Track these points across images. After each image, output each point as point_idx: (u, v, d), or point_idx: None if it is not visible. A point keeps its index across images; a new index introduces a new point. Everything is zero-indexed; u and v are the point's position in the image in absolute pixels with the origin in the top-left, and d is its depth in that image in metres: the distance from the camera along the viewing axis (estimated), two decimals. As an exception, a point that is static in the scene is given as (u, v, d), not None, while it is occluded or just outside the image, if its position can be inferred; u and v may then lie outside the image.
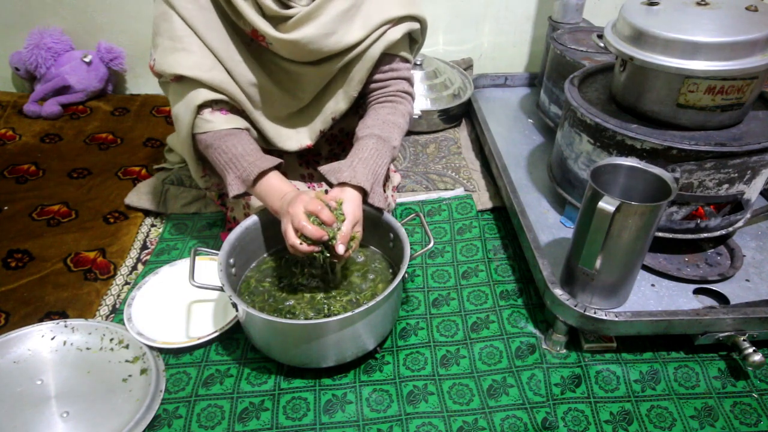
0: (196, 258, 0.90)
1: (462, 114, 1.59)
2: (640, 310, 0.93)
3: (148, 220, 1.23)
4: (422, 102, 1.50)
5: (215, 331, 0.95)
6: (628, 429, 0.84)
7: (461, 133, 1.56)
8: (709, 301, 0.98)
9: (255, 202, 1.08)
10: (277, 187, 0.90)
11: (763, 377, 0.92)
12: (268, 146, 1.06)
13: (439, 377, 0.91)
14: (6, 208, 1.25)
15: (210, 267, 1.04)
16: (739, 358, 0.91)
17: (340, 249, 0.83)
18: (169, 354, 0.93)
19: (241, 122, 0.95)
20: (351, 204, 0.87)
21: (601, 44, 1.05)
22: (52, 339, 0.92)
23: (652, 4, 0.97)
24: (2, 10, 1.63)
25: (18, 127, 1.54)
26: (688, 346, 0.95)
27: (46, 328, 0.92)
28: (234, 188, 0.91)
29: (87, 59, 1.62)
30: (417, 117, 1.48)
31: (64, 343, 0.91)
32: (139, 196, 1.26)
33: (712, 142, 0.90)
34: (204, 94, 0.90)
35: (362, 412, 0.85)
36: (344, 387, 0.89)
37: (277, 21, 0.90)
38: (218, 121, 0.92)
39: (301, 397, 0.87)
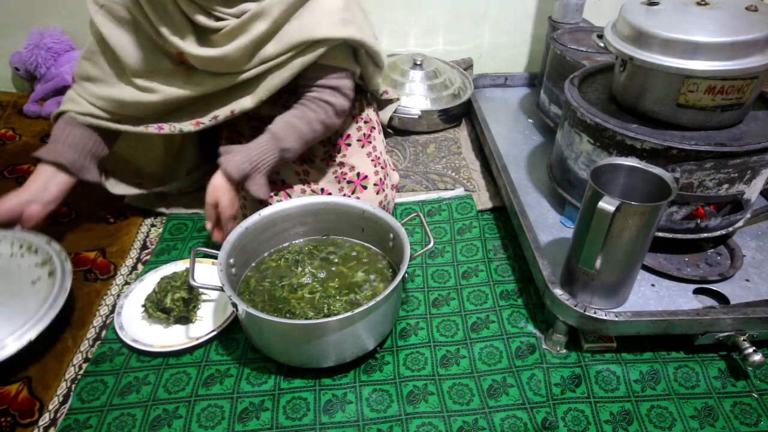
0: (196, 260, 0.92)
1: (462, 114, 1.59)
2: (640, 310, 0.93)
3: (148, 220, 1.23)
4: (422, 102, 1.50)
5: (208, 333, 0.94)
6: (628, 429, 0.85)
7: (461, 133, 1.56)
8: (709, 301, 0.98)
9: (253, 203, 1.08)
10: (29, 179, 1.02)
11: (763, 377, 0.92)
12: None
13: (439, 377, 0.91)
14: (6, 208, 1.25)
15: (203, 269, 1.03)
16: (739, 358, 0.91)
17: (208, 225, 0.97)
18: (168, 356, 0.93)
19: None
20: (211, 185, 0.96)
21: (601, 44, 1.05)
22: None
23: (652, 4, 0.97)
24: (2, 10, 1.63)
25: (18, 127, 1.54)
26: (688, 346, 0.95)
27: None
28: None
29: (87, 59, 1.62)
30: (417, 117, 1.48)
31: None
32: (140, 195, 1.26)
33: (712, 142, 0.90)
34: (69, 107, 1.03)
35: (362, 412, 0.85)
36: (344, 387, 0.89)
37: (206, 33, 0.95)
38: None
39: (301, 397, 0.87)
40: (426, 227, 0.95)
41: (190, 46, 0.95)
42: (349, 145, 1.17)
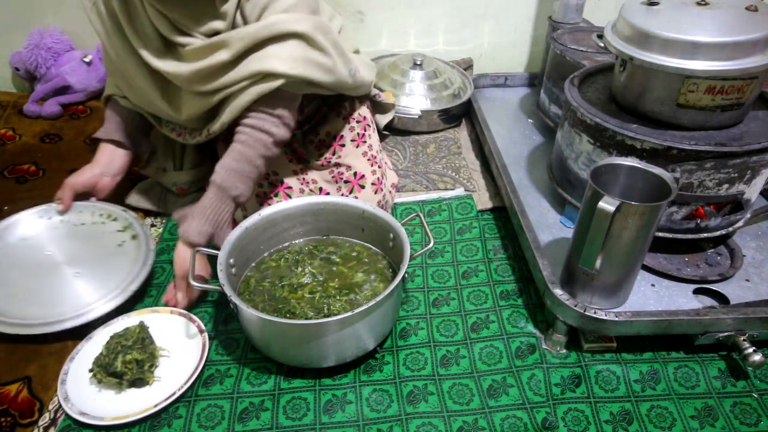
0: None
1: (462, 114, 1.59)
2: (640, 310, 0.93)
3: (148, 220, 1.23)
4: (422, 102, 1.50)
5: (168, 398, 0.84)
6: (628, 429, 0.85)
7: (461, 133, 1.56)
8: (709, 301, 0.98)
9: (253, 203, 1.08)
10: (95, 155, 1.14)
11: (763, 377, 0.92)
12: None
13: (439, 377, 0.91)
14: (6, 208, 1.25)
15: (175, 321, 0.97)
16: (739, 358, 0.91)
17: (179, 296, 0.96)
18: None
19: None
20: (177, 258, 0.94)
21: (601, 44, 1.05)
22: (49, 219, 1.06)
23: (652, 4, 0.97)
24: (2, 10, 1.63)
25: (18, 127, 1.54)
26: (688, 346, 0.95)
27: (40, 209, 1.07)
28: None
29: (87, 59, 1.62)
30: (417, 117, 1.48)
31: (61, 221, 1.05)
32: (140, 196, 1.26)
33: (712, 142, 0.90)
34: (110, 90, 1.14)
35: (362, 412, 0.85)
36: (344, 387, 0.89)
37: (174, 46, 0.97)
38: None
39: (301, 397, 0.87)
40: (426, 227, 0.95)
41: (149, 56, 0.97)
42: (343, 146, 1.17)
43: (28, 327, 0.90)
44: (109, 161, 1.14)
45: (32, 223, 1.05)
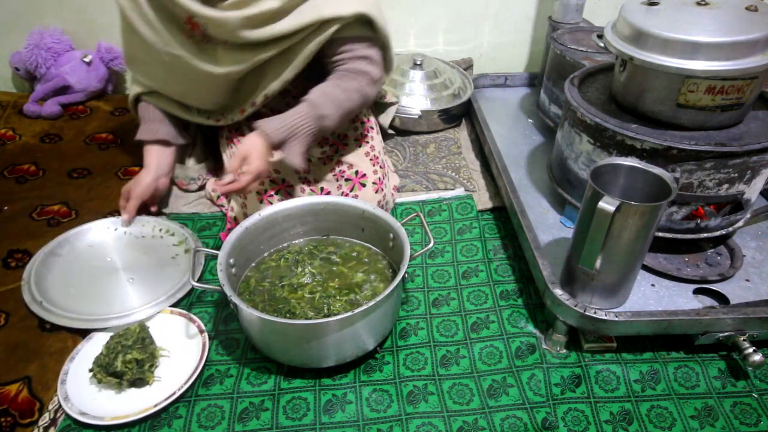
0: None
1: (462, 114, 1.59)
2: (640, 310, 0.93)
3: (149, 219, 1.23)
4: (422, 102, 1.50)
5: (168, 397, 0.85)
6: (628, 429, 0.85)
7: (461, 133, 1.56)
8: (709, 301, 0.98)
9: (253, 203, 1.08)
10: (144, 158, 1.15)
11: (763, 377, 0.92)
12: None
13: (439, 377, 0.91)
14: (6, 208, 1.25)
15: (175, 321, 0.98)
16: (739, 358, 0.91)
17: (226, 179, 0.96)
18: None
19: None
20: (246, 144, 0.96)
21: (601, 44, 1.05)
22: (115, 230, 1.15)
23: (652, 4, 0.97)
24: (2, 10, 1.63)
25: (18, 127, 1.54)
26: (688, 346, 0.95)
27: (108, 221, 1.16)
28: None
29: (87, 59, 1.62)
30: (417, 117, 1.48)
31: (125, 232, 1.15)
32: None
33: (712, 142, 0.90)
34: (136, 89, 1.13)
35: (362, 412, 0.85)
36: (344, 387, 0.89)
37: (215, 1, 0.96)
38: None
39: (301, 397, 0.87)
40: (426, 227, 0.95)
41: (195, 4, 0.95)
42: (346, 144, 1.17)
43: (79, 321, 0.96)
44: (160, 162, 1.15)
45: (100, 232, 1.14)
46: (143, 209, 1.17)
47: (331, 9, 0.97)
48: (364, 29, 1.04)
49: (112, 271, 1.06)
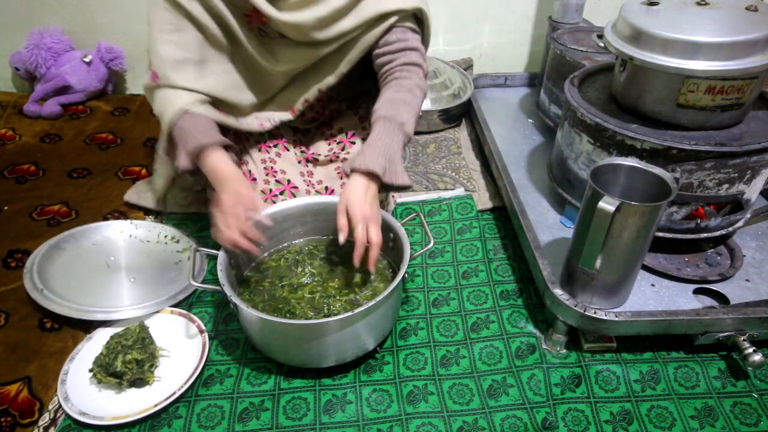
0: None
1: (462, 114, 1.59)
2: (640, 310, 0.93)
3: (149, 219, 1.23)
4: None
5: (168, 397, 0.85)
6: (628, 429, 0.84)
7: (461, 133, 1.56)
8: (709, 301, 0.98)
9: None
10: (217, 168, 0.92)
11: (763, 377, 0.92)
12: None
13: (439, 377, 0.91)
14: (6, 208, 1.25)
15: (175, 321, 0.98)
16: (739, 358, 0.91)
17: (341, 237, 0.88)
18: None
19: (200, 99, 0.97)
20: (353, 194, 0.88)
21: (601, 44, 1.05)
22: (121, 232, 1.16)
23: (652, 4, 0.97)
24: (2, 10, 1.63)
25: (18, 127, 1.54)
26: (688, 346, 0.95)
27: (115, 223, 1.17)
28: (181, 161, 0.93)
29: (87, 59, 1.62)
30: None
31: (130, 235, 1.15)
32: (139, 195, 1.26)
33: (712, 142, 0.90)
34: (185, 99, 0.94)
35: (362, 412, 0.85)
36: (344, 387, 0.89)
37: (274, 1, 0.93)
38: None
39: (301, 397, 0.87)
40: (426, 227, 0.95)
41: (265, 5, 0.92)
42: (353, 143, 1.17)
43: (79, 311, 0.96)
44: (238, 171, 0.96)
45: (104, 233, 1.15)
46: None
47: (393, 3, 0.97)
48: (414, 22, 1.03)
49: (115, 269, 1.07)
